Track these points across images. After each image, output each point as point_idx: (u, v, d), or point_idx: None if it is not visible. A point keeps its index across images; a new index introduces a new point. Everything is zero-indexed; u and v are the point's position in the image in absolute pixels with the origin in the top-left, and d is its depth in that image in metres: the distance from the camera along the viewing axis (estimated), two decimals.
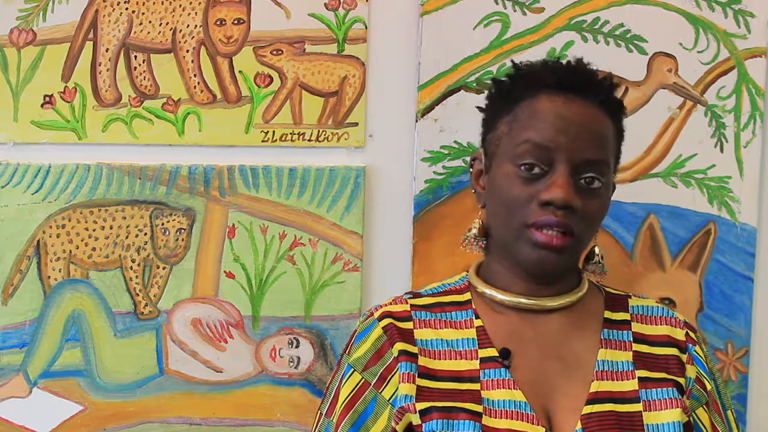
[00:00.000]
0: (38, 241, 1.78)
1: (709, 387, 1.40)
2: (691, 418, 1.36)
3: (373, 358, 1.36)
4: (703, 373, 1.41)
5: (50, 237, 1.78)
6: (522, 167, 1.32)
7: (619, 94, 1.41)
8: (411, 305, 1.40)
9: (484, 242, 1.42)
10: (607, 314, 1.42)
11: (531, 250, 1.32)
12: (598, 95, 1.35)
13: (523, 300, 1.38)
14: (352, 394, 1.35)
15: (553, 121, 1.32)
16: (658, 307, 1.45)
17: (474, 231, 1.43)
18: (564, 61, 1.41)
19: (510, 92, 1.39)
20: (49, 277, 1.79)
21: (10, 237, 1.78)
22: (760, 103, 1.86)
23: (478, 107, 1.46)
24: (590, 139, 1.32)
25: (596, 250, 1.43)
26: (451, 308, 1.40)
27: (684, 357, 1.40)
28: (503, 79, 1.42)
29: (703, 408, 1.39)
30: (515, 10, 1.82)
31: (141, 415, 1.82)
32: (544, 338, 1.37)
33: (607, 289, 1.47)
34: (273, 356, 1.83)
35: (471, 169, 1.44)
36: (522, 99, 1.36)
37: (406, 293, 1.45)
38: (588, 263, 1.44)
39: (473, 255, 1.46)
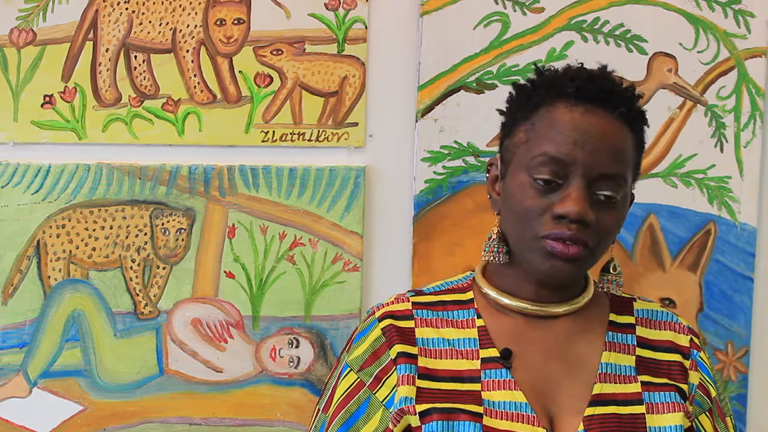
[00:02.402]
0: (38, 241, 1.78)
1: (713, 394, 1.40)
2: (693, 424, 1.36)
3: (369, 358, 1.35)
4: (707, 379, 1.40)
5: (50, 237, 1.78)
6: (537, 179, 1.30)
7: (639, 103, 1.37)
8: (413, 303, 1.39)
9: (506, 249, 1.38)
10: (612, 317, 1.41)
11: (544, 259, 1.30)
12: (619, 107, 1.32)
13: (528, 306, 1.37)
14: (346, 394, 1.35)
15: (570, 134, 1.29)
16: (662, 311, 1.44)
17: (495, 241, 1.38)
18: (586, 69, 1.37)
19: (530, 99, 1.36)
20: (49, 277, 1.79)
21: (10, 237, 1.78)
22: (760, 103, 1.86)
23: (499, 110, 1.42)
24: (608, 154, 1.30)
25: (615, 263, 1.41)
26: (453, 307, 1.39)
27: (687, 363, 1.39)
28: (524, 83, 1.39)
29: (706, 415, 1.38)
30: (515, 10, 1.82)
31: (141, 415, 1.82)
32: (547, 341, 1.36)
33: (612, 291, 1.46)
34: (273, 356, 1.83)
35: (487, 174, 1.42)
36: (540, 107, 1.34)
37: (408, 291, 1.44)
38: (605, 274, 1.41)
39: (473, 255, 1.45)
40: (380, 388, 1.33)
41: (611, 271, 1.41)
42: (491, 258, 1.38)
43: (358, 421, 1.33)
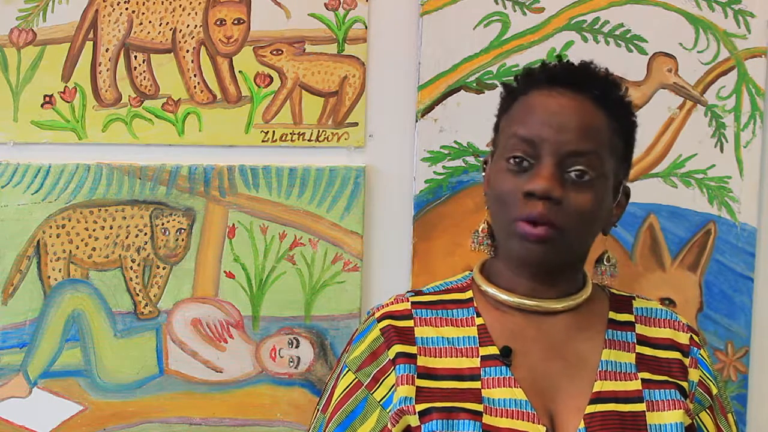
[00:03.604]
0: (38, 241, 1.78)
1: (714, 391, 1.40)
2: (694, 422, 1.36)
3: (368, 359, 1.35)
4: (708, 376, 1.40)
5: (50, 237, 1.78)
6: (510, 161, 1.32)
7: (619, 91, 1.39)
8: (412, 303, 1.40)
9: (492, 241, 1.41)
10: (612, 315, 1.41)
11: (518, 244, 1.31)
12: (591, 90, 1.34)
13: (526, 301, 1.37)
14: (343, 394, 1.35)
15: (538, 115, 1.32)
16: (661, 309, 1.44)
17: (482, 232, 1.41)
18: (566, 61, 1.40)
19: (510, 93, 1.40)
20: (49, 277, 1.79)
21: (10, 237, 1.78)
22: (760, 103, 1.86)
23: (496, 115, 1.45)
24: (576, 131, 1.31)
25: (608, 254, 1.42)
26: (452, 306, 1.40)
27: (687, 361, 1.39)
28: (508, 81, 1.42)
29: (707, 412, 1.38)
30: (515, 10, 1.82)
31: (141, 415, 1.82)
32: (547, 338, 1.36)
33: (611, 290, 1.46)
34: (273, 356, 1.83)
35: (483, 173, 1.44)
36: (518, 97, 1.38)
37: (408, 291, 1.44)
38: (599, 266, 1.42)
39: (473, 255, 1.46)
40: (378, 388, 1.33)
41: (605, 262, 1.41)
42: (476, 248, 1.41)
43: (354, 421, 1.33)
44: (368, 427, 1.32)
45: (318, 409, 1.40)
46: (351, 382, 1.35)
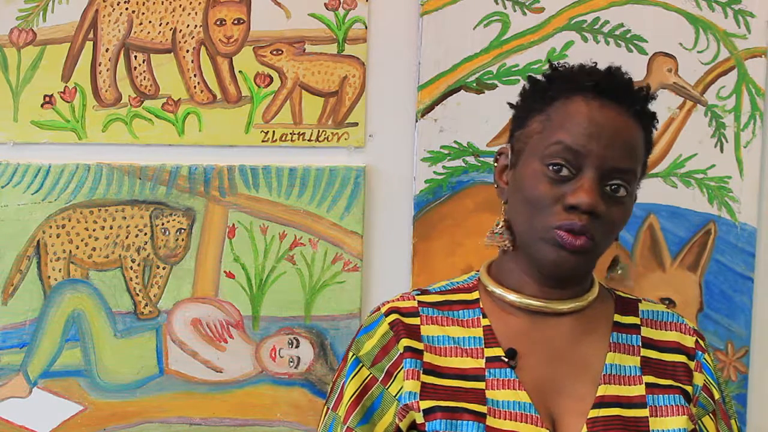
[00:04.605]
0: (38, 241, 1.78)
1: (717, 396, 1.40)
2: (697, 426, 1.36)
3: (380, 353, 1.35)
4: (711, 381, 1.40)
5: (50, 237, 1.78)
6: (550, 167, 1.31)
7: (652, 104, 1.39)
8: (419, 301, 1.39)
9: (512, 238, 1.39)
10: (617, 317, 1.41)
11: (551, 249, 1.31)
12: (634, 104, 1.34)
13: (533, 302, 1.37)
14: (359, 390, 1.35)
15: (586, 126, 1.31)
16: (668, 312, 1.44)
17: (501, 228, 1.39)
18: (600, 68, 1.39)
19: (545, 91, 1.38)
20: (49, 277, 1.79)
21: (10, 237, 1.78)
22: (760, 103, 1.86)
23: (510, 103, 1.44)
24: (621, 148, 1.31)
25: (620, 259, 1.42)
26: (459, 306, 1.39)
27: (692, 364, 1.39)
28: (539, 77, 1.41)
29: (710, 416, 1.38)
30: (515, 10, 1.82)
31: (141, 415, 1.82)
32: (552, 341, 1.36)
33: (617, 292, 1.46)
34: (273, 356, 1.83)
35: (495, 164, 1.43)
36: (557, 99, 1.35)
37: (414, 290, 1.44)
38: (611, 271, 1.43)
39: (473, 255, 1.45)
40: (392, 383, 1.33)
41: (615, 266, 1.42)
42: (493, 243, 1.39)
43: (373, 416, 1.33)
44: (387, 422, 1.32)
45: (327, 408, 1.39)
46: (365, 378, 1.35)
